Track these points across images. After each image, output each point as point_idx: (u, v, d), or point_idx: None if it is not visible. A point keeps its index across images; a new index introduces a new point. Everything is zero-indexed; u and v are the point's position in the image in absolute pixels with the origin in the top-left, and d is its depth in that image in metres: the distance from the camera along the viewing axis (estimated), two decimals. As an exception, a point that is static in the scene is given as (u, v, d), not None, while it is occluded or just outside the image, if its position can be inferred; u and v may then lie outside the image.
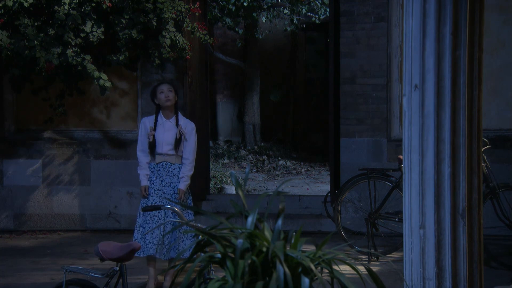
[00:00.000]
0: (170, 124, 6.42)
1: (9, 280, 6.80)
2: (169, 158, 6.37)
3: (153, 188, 6.36)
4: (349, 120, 8.61)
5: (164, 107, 6.39)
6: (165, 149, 6.36)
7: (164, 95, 6.36)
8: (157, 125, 6.40)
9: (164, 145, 6.37)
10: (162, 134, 6.39)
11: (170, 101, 6.38)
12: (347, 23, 8.58)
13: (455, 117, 3.18)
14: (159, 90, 6.41)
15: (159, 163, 6.37)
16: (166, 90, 6.39)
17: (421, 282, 3.21)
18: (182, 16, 8.28)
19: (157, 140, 6.37)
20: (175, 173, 6.37)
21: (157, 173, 6.37)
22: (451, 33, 3.16)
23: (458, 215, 3.19)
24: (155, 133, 6.36)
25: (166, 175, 6.37)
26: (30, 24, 7.78)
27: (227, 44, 16.03)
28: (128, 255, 4.24)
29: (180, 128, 6.36)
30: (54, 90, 8.55)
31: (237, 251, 2.47)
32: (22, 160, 9.15)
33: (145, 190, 6.37)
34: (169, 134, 6.38)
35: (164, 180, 6.37)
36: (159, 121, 6.43)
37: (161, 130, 6.41)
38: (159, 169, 6.37)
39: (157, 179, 6.37)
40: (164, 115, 6.44)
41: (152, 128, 6.38)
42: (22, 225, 9.12)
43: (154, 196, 6.35)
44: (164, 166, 6.38)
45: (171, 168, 6.38)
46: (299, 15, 14.63)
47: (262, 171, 13.94)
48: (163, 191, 6.35)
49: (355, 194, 8.16)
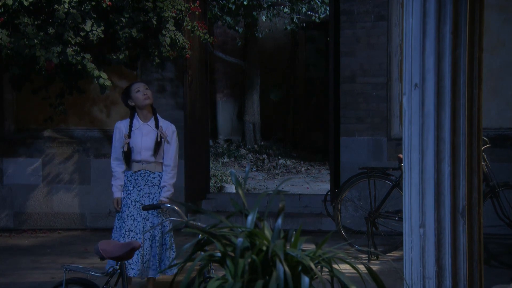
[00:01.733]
0: (149, 127, 5.76)
1: (9, 279, 6.80)
2: (148, 165, 5.69)
3: (129, 199, 5.66)
4: (349, 119, 8.61)
5: (142, 107, 5.74)
6: (144, 155, 5.68)
7: (142, 93, 5.71)
8: (134, 130, 5.72)
9: (142, 151, 5.69)
10: (140, 138, 5.71)
11: (149, 99, 5.74)
12: (347, 22, 8.58)
13: (455, 116, 3.18)
14: (134, 89, 5.75)
15: (137, 171, 5.69)
16: (143, 87, 5.75)
17: (421, 281, 3.21)
18: (182, 15, 8.28)
19: (135, 146, 5.68)
20: (155, 182, 5.70)
21: (135, 183, 5.69)
22: (451, 32, 3.16)
23: (458, 214, 3.19)
24: (131, 140, 5.69)
25: (144, 184, 5.69)
26: (30, 23, 7.78)
27: (227, 43, 16.03)
28: (128, 253, 4.25)
29: (160, 130, 5.72)
30: (54, 89, 8.55)
31: (237, 250, 2.47)
32: (22, 159, 9.15)
33: (117, 203, 5.71)
34: (148, 138, 5.71)
35: (142, 190, 5.69)
36: (136, 125, 5.75)
37: (138, 135, 5.73)
38: (137, 178, 5.69)
39: (135, 189, 5.68)
40: (141, 117, 5.77)
41: (127, 136, 5.69)
42: (22, 224, 9.12)
43: (131, 208, 5.65)
44: (142, 175, 5.69)
45: (151, 177, 5.70)
46: (299, 14, 14.63)
47: (262, 170, 13.94)
48: (141, 202, 5.65)
49: (355, 193, 8.16)
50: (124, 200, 5.67)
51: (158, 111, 9.09)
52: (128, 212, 5.63)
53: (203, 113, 9.51)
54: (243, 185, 2.71)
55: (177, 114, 8.98)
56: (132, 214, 5.63)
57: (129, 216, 5.61)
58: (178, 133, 9.05)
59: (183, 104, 8.95)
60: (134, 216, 5.62)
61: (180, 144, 9.27)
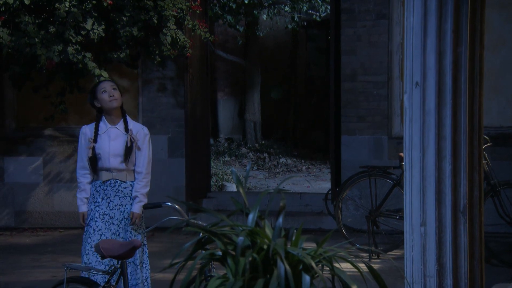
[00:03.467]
0: (117, 130, 5.11)
1: (9, 278, 6.80)
2: (119, 174, 5.07)
3: (98, 211, 5.04)
4: (350, 117, 8.61)
5: (109, 109, 5.09)
6: (113, 162, 5.06)
7: (107, 94, 5.06)
8: (101, 134, 5.10)
9: (111, 157, 5.06)
10: (108, 143, 5.08)
11: (117, 100, 5.09)
12: (348, 21, 8.57)
13: (456, 115, 3.17)
14: (100, 89, 5.11)
15: (106, 181, 5.06)
16: (109, 88, 5.10)
17: (422, 279, 3.21)
18: (182, 14, 8.28)
19: (102, 152, 5.06)
20: (126, 193, 5.08)
21: (104, 193, 5.06)
22: (453, 30, 3.16)
23: (459, 213, 3.19)
24: (96, 145, 5.07)
25: (115, 195, 5.06)
26: (31, 22, 7.78)
27: (228, 42, 16.02)
28: (129, 252, 4.25)
29: (130, 134, 5.07)
30: (55, 87, 8.55)
31: (238, 249, 2.47)
32: (22, 158, 9.15)
33: (83, 218, 5.09)
34: (116, 143, 5.08)
35: (112, 202, 5.06)
36: (102, 128, 5.12)
37: (105, 139, 5.10)
38: (106, 188, 5.06)
39: (104, 201, 5.07)
40: (109, 120, 5.13)
41: (92, 140, 5.07)
42: (23, 222, 9.12)
43: (99, 221, 5.03)
44: (112, 185, 5.07)
45: (121, 187, 5.08)
46: (300, 12, 14.62)
47: (263, 168, 13.94)
48: (110, 216, 5.04)
49: (356, 191, 8.16)
50: (92, 213, 5.05)
51: (159, 110, 9.18)
52: (96, 227, 5.02)
53: (204, 112, 9.51)
54: (244, 183, 2.71)
55: (178, 112, 8.97)
56: (100, 228, 5.03)
57: (96, 230, 5.02)
58: (178, 132, 9.17)
59: (183, 103, 8.94)
60: (102, 231, 5.03)
61: (180, 142, 9.33)
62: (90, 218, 5.06)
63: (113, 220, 5.04)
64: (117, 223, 5.04)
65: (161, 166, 8.92)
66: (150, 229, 4.49)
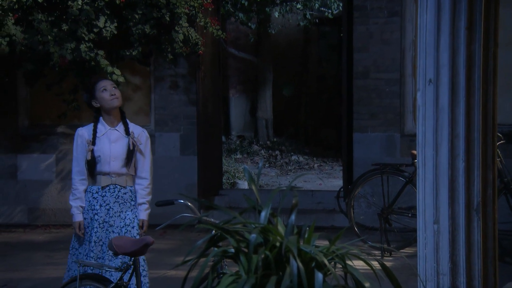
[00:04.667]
0: (118, 132, 4.82)
1: (23, 274, 6.84)
2: (119, 179, 4.77)
3: (97, 220, 4.73)
4: (362, 115, 8.59)
5: (109, 109, 4.81)
6: (114, 166, 4.76)
7: (108, 93, 4.78)
8: (99, 136, 4.81)
9: (112, 161, 4.77)
10: (108, 146, 4.79)
11: (118, 99, 4.82)
12: (360, 18, 8.55)
13: (469, 112, 3.16)
14: (99, 87, 4.80)
15: (105, 187, 4.77)
16: (110, 86, 4.82)
17: (435, 277, 3.20)
18: (195, 11, 8.29)
19: (102, 155, 4.76)
20: (126, 199, 4.79)
21: (102, 200, 4.76)
22: (466, 27, 3.14)
23: (472, 210, 3.17)
24: (96, 148, 4.77)
25: (114, 202, 4.77)
26: (44, 19, 7.81)
27: (240, 39, 16.02)
28: (142, 249, 4.26)
29: (132, 136, 4.80)
30: (68, 85, 8.58)
31: (250, 246, 2.47)
32: (35, 155, 9.19)
33: (80, 227, 4.73)
34: (117, 145, 4.79)
35: (112, 209, 4.76)
36: (101, 130, 4.82)
37: (105, 142, 4.80)
38: (105, 194, 4.76)
39: (102, 208, 4.76)
40: (108, 122, 4.83)
41: (90, 142, 4.77)
42: (36, 219, 9.16)
43: (99, 231, 4.72)
44: (111, 191, 4.78)
45: (121, 193, 4.79)
46: (312, 10, 14.60)
47: (275, 166, 13.94)
48: (110, 223, 4.75)
49: (368, 189, 8.14)
50: (92, 222, 4.73)
51: (171, 107, 9.19)
52: (96, 238, 4.71)
53: (215, 109, 9.52)
54: (257, 181, 2.71)
55: (190, 110, 8.98)
56: (101, 238, 4.72)
57: (97, 242, 4.71)
58: (190, 130, 9.18)
59: (195, 100, 8.95)
60: (103, 241, 4.72)
61: (192, 140, 9.34)
62: (89, 227, 4.75)
63: (113, 228, 4.75)
64: (117, 231, 4.75)
65: (173, 164, 8.94)
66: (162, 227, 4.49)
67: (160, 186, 7.82)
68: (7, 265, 7.16)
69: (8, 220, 9.17)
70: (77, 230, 4.72)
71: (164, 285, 6.20)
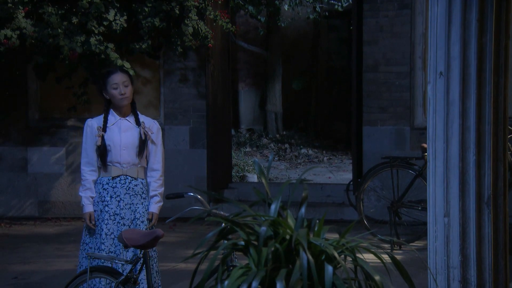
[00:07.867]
0: (128, 122, 4.72)
1: (34, 267, 6.87)
2: (130, 170, 4.66)
3: (108, 212, 4.64)
4: (372, 108, 8.57)
5: (118, 106, 4.73)
6: (125, 156, 4.65)
7: (118, 92, 4.65)
8: (109, 126, 4.71)
9: (122, 150, 4.64)
10: (119, 135, 4.67)
11: (127, 98, 4.69)
12: (370, 11, 8.52)
13: (480, 105, 3.15)
14: (111, 83, 4.66)
15: (116, 177, 4.65)
16: (121, 84, 4.65)
17: (445, 270, 3.19)
18: (204, 4, 8.28)
19: (112, 144, 4.65)
20: (137, 191, 4.69)
21: (113, 191, 4.65)
22: (477, 19, 3.13)
23: (483, 203, 3.16)
24: (106, 136, 4.66)
25: (125, 193, 4.66)
26: (54, 13, 7.82)
27: (249, 32, 16.00)
28: (152, 242, 4.26)
29: (143, 126, 4.69)
30: (77, 78, 8.59)
31: (260, 239, 2.47)
32: (46, 148, 9.22)
33: (90, 218, 4.66)
34: (128, 135, 4.68)
35: (123, 201, 4.66)
36: (111, 120, 4.72)
37: (116, 131, 4.69)
38: (116, 185, 4.65)
39: (113, 200, 4.65)
40: (118, 113, 4.73)
41: (101, 128, 4.67)
42: (46, 212, 9.20)
43: (110, 223, 4.63)
44: (122, 182, 4.66)
45: (132, 184, 4.68)
46: (321, 2, 14.56)
47: (284, 159, 13.93)
48: (121, 216, 4.65)
49: (378, 182, 8.13)
50: (102, 214, 4.63)
51: (181, 100, 9.20)
52: (107, 230, 4.60)
53: (225, 103, 9.52)
54: (267, 174, 2.71)
55: (199, 103, 8.99)
56: (112, 231, 4.61)
57: (108, 234, 4.61)
58: (200, 123, 9.18)
59: (205, 94, 8.96)
60: (114, 234, 4.62)
61: (202, 133, 9.35)
62: (100, 219, 4.65)
63: (124, 221, 4.65)
64: (128, 223, 4.65)
65: (182, 157, 8.95)
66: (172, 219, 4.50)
67: (170, 179, 7.83)
68: (18, 258, 7.20)
69: (18, 213, 9.21)
70: (88, 221, 4.66)
71: (174, 278, 6.22)
